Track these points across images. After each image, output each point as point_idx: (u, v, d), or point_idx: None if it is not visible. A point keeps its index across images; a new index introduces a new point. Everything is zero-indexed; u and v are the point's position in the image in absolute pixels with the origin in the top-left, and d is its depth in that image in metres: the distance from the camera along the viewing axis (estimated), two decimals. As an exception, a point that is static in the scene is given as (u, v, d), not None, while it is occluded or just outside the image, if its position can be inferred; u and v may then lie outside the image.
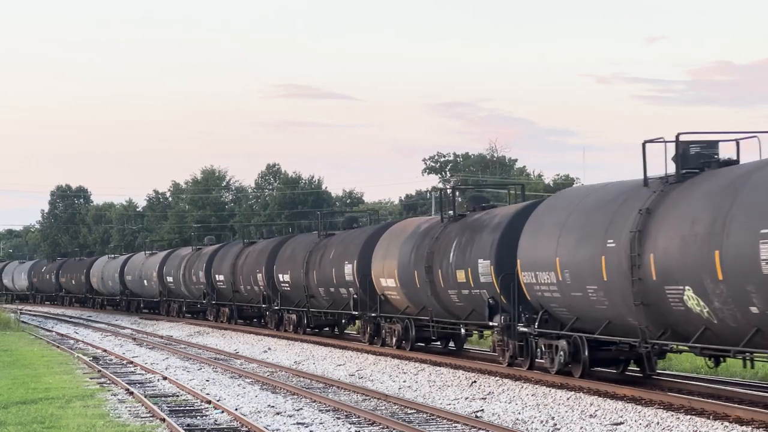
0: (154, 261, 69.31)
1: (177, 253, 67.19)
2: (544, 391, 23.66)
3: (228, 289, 54.10)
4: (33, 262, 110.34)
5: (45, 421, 20.64)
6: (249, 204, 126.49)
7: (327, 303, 41.30)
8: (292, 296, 45.27)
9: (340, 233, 42.18)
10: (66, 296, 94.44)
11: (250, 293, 51.11)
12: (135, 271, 72.93)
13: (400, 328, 34.60)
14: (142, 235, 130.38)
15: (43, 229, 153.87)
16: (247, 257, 51.55)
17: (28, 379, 29.15)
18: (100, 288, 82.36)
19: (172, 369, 32.24)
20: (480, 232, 28.91)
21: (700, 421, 18.95)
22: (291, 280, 44.44)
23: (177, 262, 63.99)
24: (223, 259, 55.59)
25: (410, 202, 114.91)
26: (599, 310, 23.07)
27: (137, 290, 73.19)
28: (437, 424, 19.96)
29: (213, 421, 20.87)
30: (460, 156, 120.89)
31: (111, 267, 79.23)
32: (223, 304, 55.85)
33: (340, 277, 38.71)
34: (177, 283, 63.38)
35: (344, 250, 39.20)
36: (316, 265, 41.50)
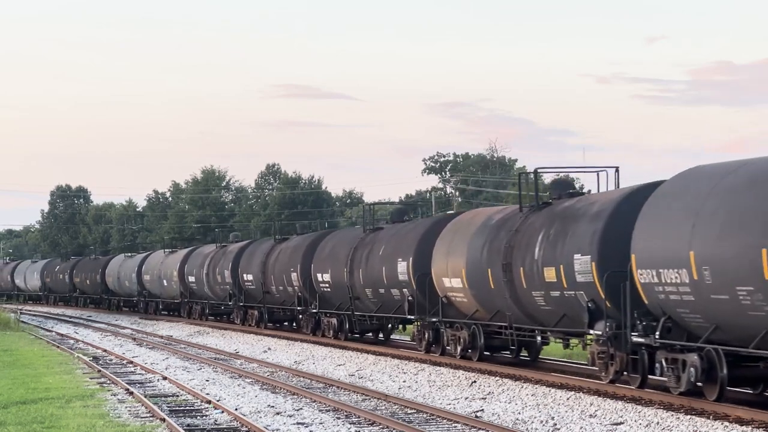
0: (174, 259, 64.34)
1: (199, 251, 61.91)
2: (544, 391, 23.66)
3: (257, 290, 49.27)
4: (46, 261, 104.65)
5: (45, 421, 20.63)
6: (249, 204, 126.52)
7: (374, 306, 36.91)
8: (332, 298, 40.68)
9: (390, 227, 37.44)
10: (80, 297, 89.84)
11: (282, 294, 46.49)
12: (153, 271, 68.00)
13: (466, 335, 30.28)
14: (142, 235, 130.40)
15: (43, 229, 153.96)
16: (279, 255, 46.65)
17: (28, 379, 29.14)
18: (116, 288, 78.05)
19: (172, 369, 32.24)
20: (575, 223, 24.42)
21: (700, 421, 18.94)
22: (332, 280, 39.88)
23: (200, 260, 58.84)
24: (251, 257, 50.60)
25: (410, 202, 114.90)
26: (755, 317, 18.58)
27: (156, 291, 68.46)
28: (437, 424, 19.96)
29: (213, 421, 20.86)
30: (460, 156, 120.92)
31: (127, 266, 74.64)
32: (252, 306, 51.12)
33: (392, 277, 34.40)
34: (200, 284, 58.43)
35: (397, 246, 34.66)
36: (362, 263, 37.01)
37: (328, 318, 41.54)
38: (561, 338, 26.80)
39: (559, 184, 28.03)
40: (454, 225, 31.50)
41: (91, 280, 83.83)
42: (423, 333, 33.16)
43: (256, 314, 50.42)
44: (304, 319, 44.94)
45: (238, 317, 53.18)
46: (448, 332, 31.51)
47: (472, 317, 30.05)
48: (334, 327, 40.68)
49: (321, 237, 43.49)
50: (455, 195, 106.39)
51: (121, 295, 77.97)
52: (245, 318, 52.22)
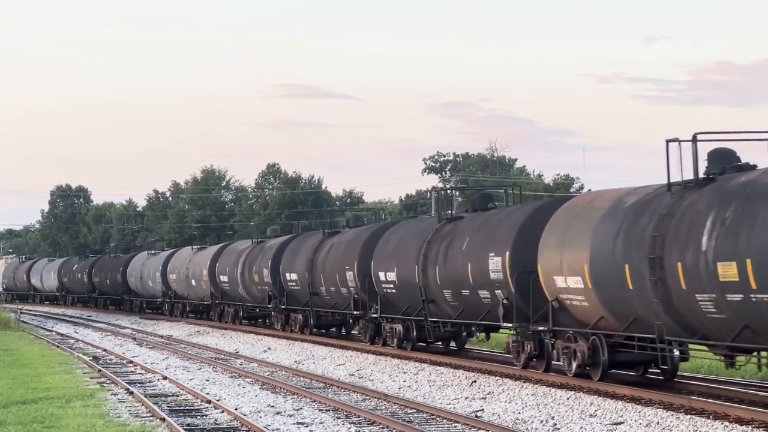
0: (203, 257, 58.50)
1: (233, 247, 55.98)
2: (544, 391, 23.65)
3: (302, 291, 43.19)
4: (63, 260, 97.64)
5: (45, 420, 20.63)
6: (249, 204, 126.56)
7: (454, 311, 30.81)
8: (398, 301, 34.79)
9: (473, 216, 31.34)
10: (99, 298, 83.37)
11: (334, 296, 40.25)
12: (180, 269, 62.12)
13: (585, 348, 24.19)
14: (142, 234, 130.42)
15: (43, 228, 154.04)
16: (330, 251, 40.68)
17: (28, 378, 29.14)
18: (139, 289, 71.96)
19: (172, 369, 32.24)
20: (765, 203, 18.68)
21: (700, 420, 18.94)
22: (398, 279, 34.15)
23: (233, 258, 53.06)
24: (295, 253, 44.56)
25: (410, 201, 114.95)
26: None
27: (183, 292, 62.52)
28: (437, 423, 19.95)
29: (213, 420, 20.87)
30: (460, 156, 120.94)
31: (151, 265, 68.64)
32: (295, 309, 45.10)
33: (481, 276, 28.35)
34: (233, 284, 52.68)
35: (487, 238, 28.58)
36: (439, 259, 31.09)
37: (391, 324, 35.53)
38: (726, 355, 20.86)
39: (720, 155, 21.60)
40: (568, 210, 25.39)
41: (111, 279, 78.17)
42: (522, 344, 27.08)
43: (300, 318, 44.53)
44: (361, 325, 38.93)
45: (279, 322, 47.24)
46: (558, 344, 25.43)
47: (595, 326, 23.99)
48: (399, 334, 34.82)
49: (383, 229, 37.75)
50: (455, 195, 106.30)
51: (144, 296, 71.98)
52: (287, 323, 46.34)
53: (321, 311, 42.55)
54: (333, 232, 42.85)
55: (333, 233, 42.50)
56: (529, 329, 26.50)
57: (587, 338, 24.26)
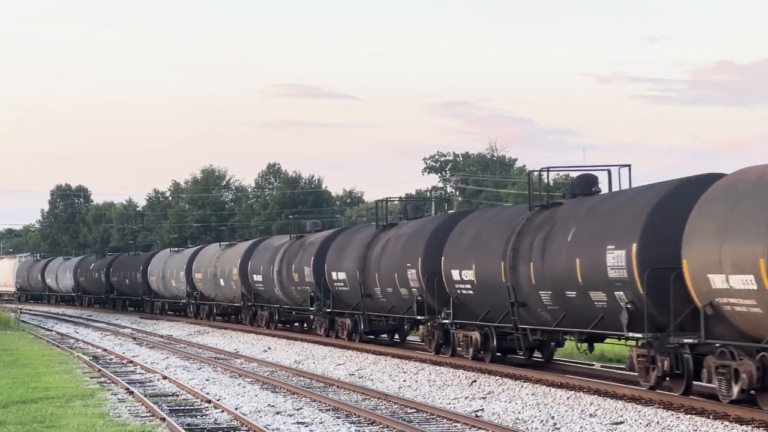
0: (233, 254, 53.28)
1: (268, 243, 50.45)
2: (544, 391, 23.66)
3: (352, 293, 38.02)
4: (80, 259, 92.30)
5: (45, 420, 20.63)
6: (249, 203, 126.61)
7: (553, 316, 25.43)
8: (475, 305, 29.35)
9: (574, 202, 25.91)
10: (118, 299, 78.44)
11: (391, 298, 34.84)
12: (207, 268, 56.61)
13: (752, 369, 18.81)
14: (142, 234, 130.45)
15: (43, 228, 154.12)
16: (386, 247, 35.13)
17: (28, 378, 29.14)
18: (161, 289, 66.58)
19: (172, 368, 32.24)
20: None
21: (700, 420, 18.94)
22: (477, 279, 28.78)
23: (268, 255, 47.78)
24: (342, 249, 39.36)
25: (410, 201, 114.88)
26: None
27: (210, 292, 57.27)
28: (437, 423, 19.95)
29: (213, 420, 20.86)
30: (460, 156, 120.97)
31: (174, 263, 63.47)
32: (342, 312, 39.88)
33: (595, 274, 22.88)
34: (268, 284, 47.36)
35: (604, 227, 22.98)
36: (534, 254, 25.67)
37: (466, 332, 30.04)
38: None
39: None
40: (729, 189, 19.64)
41: (130, 279, 73.11)
42: (653, 360, 21.77)
43: (348, 323, 39.15)
44: (426, 332, 32.97)
45: (322, 327, 42.04)
46: (710, 362, 20.09)
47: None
48: (475, 344, 29.45)
49: (454, 219, 32.38)
50: (455, 195, 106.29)
51: (166, 297, 66.46)
52: (331, 328, 41.24)
53: (374, 315, 37.19)
54: (389, 224, 37.21)
55: (388, 226, 37.00)
56: (669, 342, 20.86)
57: (754, 355, 18.87)
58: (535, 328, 26.70)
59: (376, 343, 37.93)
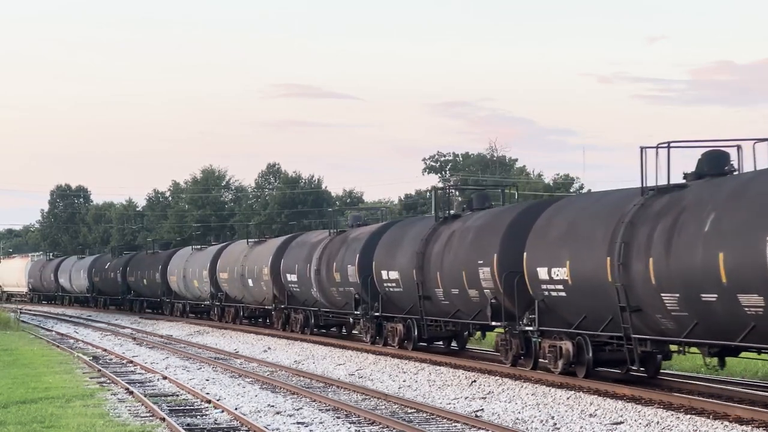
0: (263, 252, 48.95)
1: (303, 239, 45.86)
2: (544, 391, 23.65)
3: (406, 294, 33.51)
4: (94, 258, 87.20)
5: (45, 420, 20.63)
6: (249, 203, 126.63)
7: (679, 325, 20.89)
8: (568, 309, 24.51)
9: (704, 184, 21.47)
10: (135, 300, 73.55)
11: (457, 301, 30.17)
12: (233, 267, 52.26)
13: None
14: (142, 234, 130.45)
15: (43, 228, 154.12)
16: (451, 241, 30.47)
17: (28, 378, 29.14)
18: (181, 290, 62.17)
19: (171, 368, 32.24)
20: None
21: (700, 420, 18.94)
22: (572, 277, 23.87)
23: (304, 252, 43.46)
24: (395, 245, 34.65)
25: (410, 201, 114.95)
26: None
27: (236, 293, 52.94)
28: (437, 423, 19.95)
29: (213, 420, 20.86)
30: (460, 156, 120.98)
31: (197, 262, 59.20)
32: (392, 317, 35.24)
33: (747, 270, 18.62)
34: (304, 285, 42.98)
35: (760, 212, 18.67)
36: (654, 248, 21.16)
37: (553, 341, 25.35)
38: None
39: None
40: None
41: (148, 279, 68.53)
42: None
43: (401, 329, 34.48)
44: (501, 341, 28.20)
45: (367, 333, 37.64)
46: None
47: None
48: (567, 356, 24.94)
49: (537, 208, 27.45)
50: (455, 195, 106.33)
51: (187, 298, 61.95)
52: (379, 334, 36.64)
53: (433, 320, 32.79)
54: (451, 216, 32.47)
55: (450, 218, 32.26)
56: None
57: None
58: (656, 338, 22.00)
59: (430, 351, 33.57)
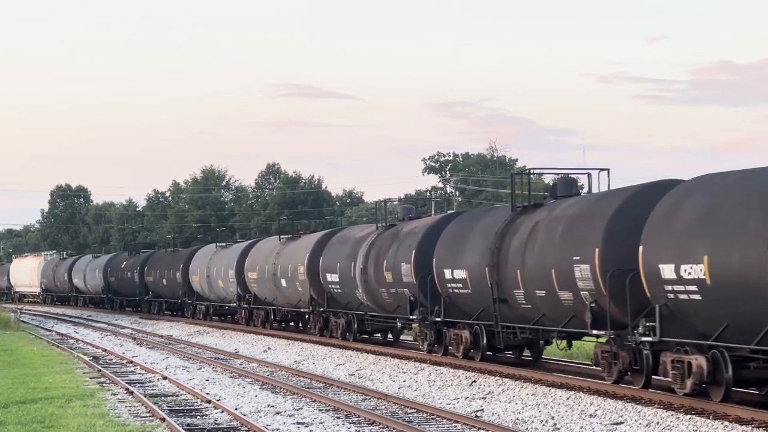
0: (299, 249, 44.01)
1: (344, 235, 40.90)
2: (544, 391, 23.66)
3: (476, 297, 28.84)
4: (110, 257, 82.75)
5: (45, 420, 20.64)
6: (249, 204, 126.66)
7: None
8: (703, 314, 20.00)
9: None
10: (153, 302, 68.96)
11: (543, 305, 25.44)
12: (264, 266, 47.50)
13: None
14: (142, 234, 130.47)
15: (43, 228, 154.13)
16: (534, 234, 25.68)
17: (28, 378, 29.15)
18: (204, 291, 57.73)
19: (171, 368, 32.25)
20: None
21: (700, 420, 18.95)
22: (714, 275, 19.31)
23: (347, 249, 38.62)
24: (460, 239, 29.97)
25: (410, 201, 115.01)
26: None
27: (266, 295, 48.16)
28: (437, 423, 19.95)
29: (213, 420, 20.87)
30: (460, 156, 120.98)
31: (222, 260, 54.58)
32: (456, 322, 30.42)
33: None
34: (347, 285, 38.24)
35: None
36: None
37: (680, 356, 20.83)
38: None
39: None
40: None
41: (168, 279, 63.98)
42: None
43: (467, 337, 29.68)
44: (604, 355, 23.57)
45: (425, 341, 32.46)
46: None
47: None
48: (699, 374, 20.29)
49: (649, 192, 22.78)
50: (455, 195, 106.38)
51: (211, 300, 57.46)
52: (438, 341, 31.73)
53: (510, 327, 28.14)
54: (532, 205, 27.62)
55: (531, 207, 27.50)
56: None
57: None
58: None
59: (503, 362, 29.23)
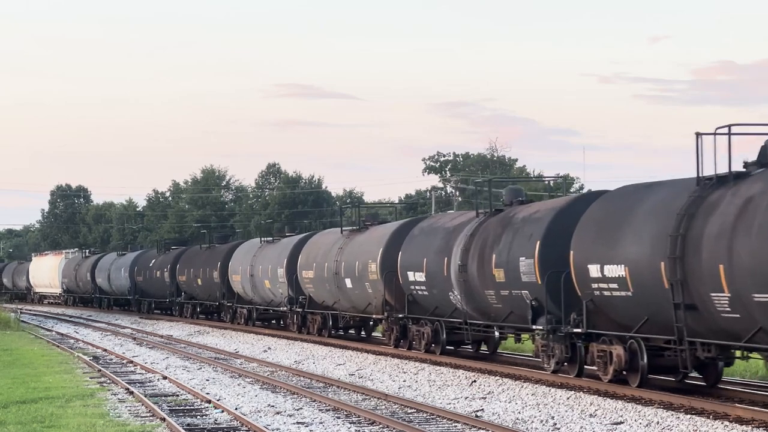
0: (367, 243, 36.87)
1: (430, 224, 33.23)
2: (544, 391, 23.66)
3: (640, 301, 21.74)
4: (138, 254, 75.43)
5: (45, 420, 20.65)
6: (249, 203, 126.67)
7: None
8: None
9: None
10: (186, 304, 61.47)
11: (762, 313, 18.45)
12: (322, 264, 39.97)
13: None
14: (142, 234, 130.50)
15: (43, 228, 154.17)
16: (744, 214, 18.91)
17: (28, 378, 29.15)
18: (247, 293, 50.28)
19: (172, 368, 32.24)
20: None
21: (700, 420, 18.95)
22: None
23: (437, 241, 31.20)
24: (616, 225, 22.68)
25: (410, 201, 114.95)
26: None
27: (325, 298, 40.53)
28: (437, 423, 19.95)
29: (213, 420, 20.87)
30: (460, 155, 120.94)
31: (268, 257, 47.43)
32: (603, 335, 23.29)
33: None
34: (436, 286, 31.06)
35: None
36: None
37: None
38: None
39: None
40: None
41: (204, 279, 56.58)
42: None
43: (621, 355, 22.63)
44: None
45: (552, 357, 25.39)
46: None
47: None
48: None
49: None
50: (455, 195, 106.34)
51: (256, 303, 50.18)
52: (573, 358, 24.80)
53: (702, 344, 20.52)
54: (732, 175, 20.22)
55: (732, 178, 20.15)
56: None
57: None
58: None
59: (674, 391, 22.49)
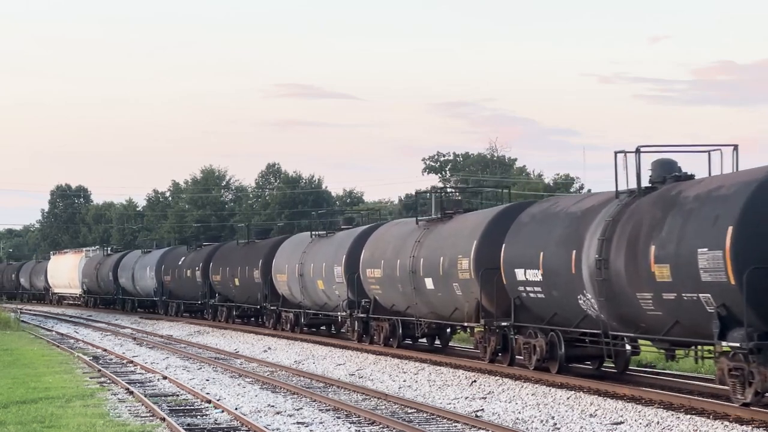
0: (455, 233, 30.11)
1: (545, 209, 26.20)
2: (544, 391, 23.65)
3: None
4: (164, 251, 68.30)
5: (45, 420, 20.65)
6: (249, 203, 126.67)
7: None
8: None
9: None
10: (221, 306, 54.91)
11: None
12: (393, 260, 33.30)
13: None
14: (142, 234, 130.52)
15: (43, 228, 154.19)
16: None
17: (28, 378, 29.15)
18: (294, 295, 43.77)
19: (172, 368, 32.24)
20: None
21: (700, 420, 18.94)
22: None
23: (558, 230, 24.53)
24: None
25: (410, 201, 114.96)
26: None
27: (397, 301, 33.70)
28: (437, 423, 19.95)
29: (213, 420, 20.87)
30: (460, 155, 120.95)
31: (321, 253, 40.61)
32: None
33: None
34: (557, 287, 24.38)
35: None
36: None
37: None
38: None
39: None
40: None
41: (242, 279, 50.27)
42: None
43: None
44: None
45: (746, 387, 19.00)
46: None
47: None
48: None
49: None
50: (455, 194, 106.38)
51: (305, 307, 43.32)
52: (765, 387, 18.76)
53: None
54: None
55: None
56: None
57: None
58: None
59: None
